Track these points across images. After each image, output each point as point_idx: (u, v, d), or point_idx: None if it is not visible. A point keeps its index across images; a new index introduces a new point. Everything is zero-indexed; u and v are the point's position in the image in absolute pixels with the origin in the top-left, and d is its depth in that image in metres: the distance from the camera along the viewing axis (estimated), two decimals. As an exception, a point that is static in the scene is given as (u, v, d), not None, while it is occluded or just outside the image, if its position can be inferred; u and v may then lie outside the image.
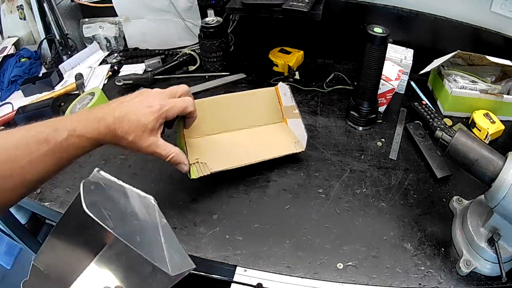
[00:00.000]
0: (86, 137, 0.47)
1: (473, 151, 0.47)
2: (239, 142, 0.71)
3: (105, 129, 0.48)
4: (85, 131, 0.47)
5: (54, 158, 0.44)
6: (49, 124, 0.46)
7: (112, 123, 0.48)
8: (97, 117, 0.48)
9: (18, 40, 1.07)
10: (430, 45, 0.91)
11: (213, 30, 0.91)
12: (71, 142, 0.46)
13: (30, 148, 0.42)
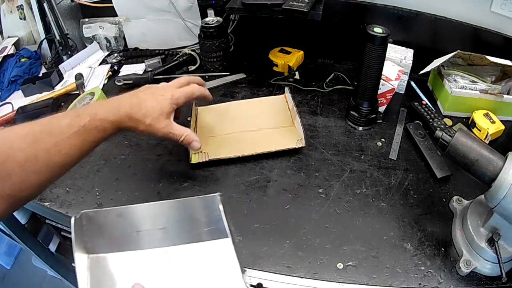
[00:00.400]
0: (107, 119, 0.50)
1: (473, 151, 0.47)
2: (246, 140, 0.74)
3: (124, 113, 0.53)
4: (106, 115, 0.51)
5: (78, 141, 0.47)
6: (70, 113, 0.50)
7: (130, 108, 0.53)
8: (115, 104, 0.53)
9: (18, 40, 1.07)
10: (430, 45, 0.91)
11: (213, 30, 0.91)
12: (93, 125, 0.49)
13: (54, 132, 0.45)
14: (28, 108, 0.86)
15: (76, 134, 0.47)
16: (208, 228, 0.51)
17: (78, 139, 0.47)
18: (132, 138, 0.79)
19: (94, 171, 0.71)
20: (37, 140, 0.43)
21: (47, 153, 0.44)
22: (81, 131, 0.47)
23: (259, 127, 0.77)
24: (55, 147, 0.44)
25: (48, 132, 0.45)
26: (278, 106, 0.79)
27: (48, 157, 0.44)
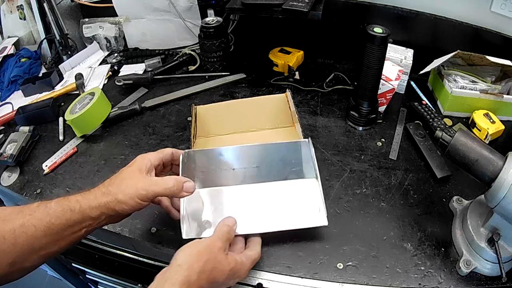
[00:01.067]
0: (75, 199, 0.48)
1: (473, 151, 0.47)
2: (245, 141, 0.73)
3: (94, 190, 0.49)
4: (74, 196, 0.48)
5: (44, 222, 0.45)
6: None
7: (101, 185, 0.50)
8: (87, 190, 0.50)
9: (18, 40, 1.07)
10: (430, 45, 0.91)
11: (213, 30, 0.91)
12: (59, 204, 0.47)
13: (23, 212, 0.45)
14: (28, 108, 0.86)
15: (42, 214, 0.45)
16: (295, 168, 0.60)
17: (43, 221, 0.45)
18: (132, 138, 0.79)
19: (94, 171, 0.71)
20: (5, 220, 0.44)
21: (13, 233, 0.43)
22: (46, 211, 0.45)
23: (260, 127, 0.77)
24: (21, 228, 0.44)
25: (18, 212, 0.45)
26: (279, 105, 0.78)
27: (14, 237, 0.43)
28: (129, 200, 0.47)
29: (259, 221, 0.55)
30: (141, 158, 0.53)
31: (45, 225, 0.44)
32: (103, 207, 0.47)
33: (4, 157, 0.72)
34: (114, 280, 0.89)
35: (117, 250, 0.76)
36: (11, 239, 0.43)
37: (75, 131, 0.78)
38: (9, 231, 0.43)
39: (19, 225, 0.44)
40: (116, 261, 0.80)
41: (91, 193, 0.48)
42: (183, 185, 0.50)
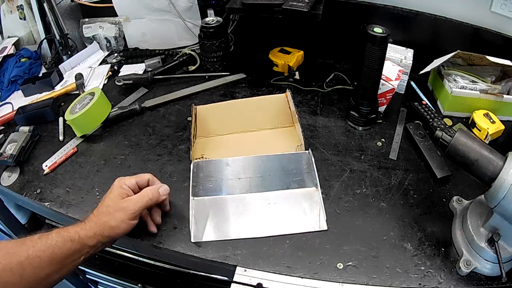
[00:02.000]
0: (74, 229, 0.52)
1: (473, 151, 0.47)
2: (245, 143, 0.75)
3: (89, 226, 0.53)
4: (73, 227, 0.52)
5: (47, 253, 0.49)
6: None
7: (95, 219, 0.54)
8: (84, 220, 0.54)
9: (18, 40, 1.07)
10: (430, 45, 0.91)
11: (213, 30, 0.91)
12: (60, 235, 0.50)
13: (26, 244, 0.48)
14: (28, 108, 0.86)
15: (45, 246, 0.48)
16: (297, 178, 0.63)
17: (47, 252, 0.48)
18: (132, 138, 0.79)
19: (94, 171, 0.71)
20: (10, 253, 0.46)
21: (20, 265, 0.46)
22: (48, 243, 0.49)
23: (260, 127, 0.77)
24: (27, 260, 0.46)
25: (21, 245, 0.48)
26: (279, 105, 0.78)
27: (21, 269, 0.46)
28: (120, 224, 0.53)
29: (262, 226, 0.58)
30: (118, 183, 0.57)
31: (48, 256, 0.48)
32: (99, 235, 0.52)
33: (4, 157, 0.72)
34: (114, 280, 0.89)
35: (117, 250, 0.76)
36: (18, 271, 0.45)
37: (75, 131, 0.78)
38: (16, 264, 0.46)
39: (25, 258, 0.46)
40: (116, 261, 0.80)
41: (87, 224, 0.53)
42: (159, 191, 0.58)
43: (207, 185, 0.62)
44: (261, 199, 0.61)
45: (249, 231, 0.58)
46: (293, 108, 0.75)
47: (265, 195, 0.61)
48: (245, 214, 0.60)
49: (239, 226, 0.59)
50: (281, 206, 0.61)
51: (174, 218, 0.62)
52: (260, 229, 0.58)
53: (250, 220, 0.59)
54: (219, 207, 0.60)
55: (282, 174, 0.64)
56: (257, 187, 0.62)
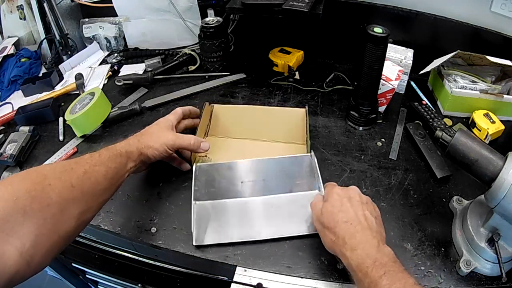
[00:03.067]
0: (120, 145, 0.58)
1: (473, 151, 0.47)
2: (252, 152, 0.74)
3: (133, 137, 0.62)
4: (118, 143, 0.59)
5: (103, 168, 0.51)
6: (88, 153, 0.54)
7: (137, 134, 0.64)
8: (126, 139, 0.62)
9: (18, 40, 1.07)
10: (430, 45, 0.91)
11: (213, 30, 0.91)
12: (111, 152, 0.55)
13: (81, 162, 0.50)
14: (28, 108, 0.85)
15: (99, 161, 0.51)
16: (299, 181, 0.62)
17: (102, 166, 0.51)
18: (132, 138, 0.79)
19: (94, 171, 0.71)
20: (67, 169, 0.46)
21: (80, 180, 0.46)
22: (102, 158, 0.52)
23: (273, 138, 0.76)
24: (85, 175, 0.47)
25: (75, 163, 0.49)
26: (297, 120, 0.75)
27: (81, 184, 0.46)
28: (159, 147, 0.61)
29: (266, 229, 0.58)
30: (163, 120, 0.66)
31: (105, 169, 0.50)
32: (140, 151, 0.59)
33: (4, 157, 0.72)
34: (114, 280, 0.89)
35: (117, 250, 0.76)
36: (79, 187, 0.45)
37: (75, 131, 0.78)
38: (77, 178, 0.46)
39: (83, 173, 0.47)
40: (116, 261, 0.80)
41: (130, 141, 0.60)
42: (200, 144, 0.65)
43: (210, 189, 0.61)
44: (264, 203, 0.60)
45: (251, 234, 0.58)
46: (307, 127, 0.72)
47: (268, 199, 0.60)
48: (247, 217, 0.59)
49: (242, 230, 0.58)
50: (284, 210, 0.60)
51: (174, 218, 0.62)
52: (262, 232, 0.58)
53: (253, 224, 0.59)
54: (222, 211, 0.58)
55: (285, 177, 0.63)
56: (260, 191, 0.61)
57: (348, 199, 0.50)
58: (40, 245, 0.39)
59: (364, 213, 0.49)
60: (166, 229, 0.60)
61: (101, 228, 0.61)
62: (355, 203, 0.50)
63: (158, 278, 0.79)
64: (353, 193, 0.51)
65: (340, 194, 0.51)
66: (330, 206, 0.50)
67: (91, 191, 0.47)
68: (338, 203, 0.50)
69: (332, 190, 0.53)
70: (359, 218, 0.48)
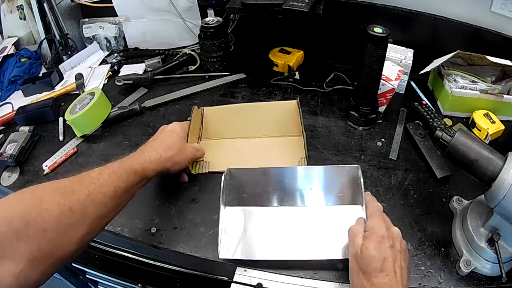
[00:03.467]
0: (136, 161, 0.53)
1: (473, 151, 0.47)
2: (248, 150, 0.72)
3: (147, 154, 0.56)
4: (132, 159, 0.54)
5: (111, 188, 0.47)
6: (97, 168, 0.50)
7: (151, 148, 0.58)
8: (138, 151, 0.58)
9: (18, 40, 1.07)
10: (430, 45, 0.91)
11: (213, 30, 0.91)
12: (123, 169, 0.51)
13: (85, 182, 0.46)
14: (28, 108, 0.86)
15: (107, 180, 0.47)
16: (341, 194, 0.58)
17: (110, 186, 0.47)
18: (132, 138, 0.79)
19: (94, 171, 0.71)
20: (68, 192, 0.43)
21: (81, 204, 0.43)
22: (111, 177, 0.48)
23: (267, 133, 0.75)
24: (89, 197, 0.44)
25: (79, 182, 0.45)
26: (290, 112, 0.75)
27: (83, 208, 0.43)
28: (182, 161, 0.60)
29: (298, 247, 0.54)
30: (180, 128, 0.65)
31: (113, 190, 0.46)
32: (161, 169, 0.56)
33: (4, 157, 0.72)
34: (114, 280, 0.89)
35: (117, 250, 0.76)
36: (80, 211, 0.42)
37: (75, 131, 0.78)
38: (77, 201, 0.42)
39: (86, 195, 0.44)
40: (116, 261, 0.80)
41: (151, 156, 0.55)
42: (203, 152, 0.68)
43: (241, 195, 0.57)
44: (300, 215, 0.55)
45: (282, 253, 0.53)
46: (301, 118, 0.72)
47: (304, 210, 0.56)
48: (280, 231, 0.54)
49: (272, 246, 0.54)
50: (321, 225, 0.55)
51: (174, 218, 0.62)
52: (294, 251, 0.53)
53: (286, 239, 0.54)
54: (252, 220, 0.55)
55: (326, 188, 0.58)
56: (296, 201, 0.57)
57: (391, 247, 0.46)
58: (36, 267, 0.38)
59: (400, 263, 0.45)
60: (166, 229, 0.60)
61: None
62: (395, 252, 0.46)
63: (158, 278, 0.79)
64: (396, 238, 0.47)
65: (385, 237, 0.46)
66: (371, 249, 0.45)
67: (95, 215, 0.44)
68: (381, 249, 0.45)
69: (377, 225, 0.48)
70: (396, 270, 0.44)
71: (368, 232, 0.48)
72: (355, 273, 0.46)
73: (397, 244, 0.47)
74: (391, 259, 0.44)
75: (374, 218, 0.50)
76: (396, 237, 0.48)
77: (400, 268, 0.44)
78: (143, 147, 0.58)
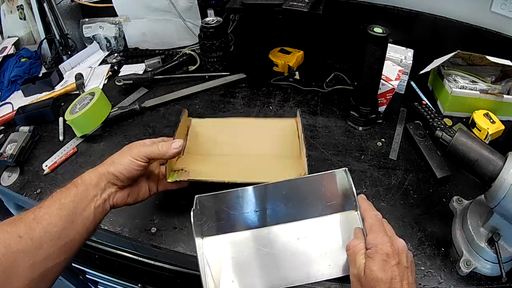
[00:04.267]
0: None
1: (473, 151, 0.47)
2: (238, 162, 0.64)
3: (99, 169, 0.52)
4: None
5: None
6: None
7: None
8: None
9: (18, 40, 1.07)
10: (430, 45, 0.91)
11: (213, 30, 0.91)
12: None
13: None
14: (28, 108, 0.86)
15: (50, 200, 0.46)
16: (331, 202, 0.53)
17: (54, 204, 0.45)
18: (132, 138, 0.79)
19: (94, 171, 0.71)
20: (16, 220, 0.43)
21: (28, 228, 0.42)
22: (54, 196, 0.47)
23: (260, 152, 0.67)
24: (34, 220, 0.43)
25: (26, 212, 0.45)
26: (286, 131, 0.68)
27: (30, 232, 0.42)
28: (123, 158, 0.51)
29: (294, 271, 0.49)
30: (141, 142, 0.55)
31: (57, 208, 0.45)
32: (102, 173, 0.50)
33: (4, 157, 0.72)
34: (114, 280, 0.89)
35: (117, 250, 0.76)
36: (27, 235, 0.41)
37: (75, 131, 0.78)
38: (23, 227, 0.42)
39: (31, 219, 0.43)
40: (116, 261, 0.80)
41: (88, 171, 0.51)
42: (171, 144, 0.53)
43: (218, 222, 0.52)
44: (289, 233, 0.50)
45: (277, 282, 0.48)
46: (301, 129, 0.65)
47: (293, 226, 0.51)
48: (270, 255, 0.49)
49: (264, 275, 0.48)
50: (315, 240, 0.51)
51: (174, 218, 0.62)
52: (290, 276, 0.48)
53: (278, 264, 0.49)
54: (237, 247, 0.50)
55: (312, 199, 0.53)
56: (283, 217, 0.52)
57: (397, 264, 0.42)
58: None
59: (408, 280, 0.42)
60: (166, 229, 0.60)
61: (101, 228, 0.61)
62: (402, 269, 0.42)
63: (158, 278, 0.79)
64: (402, 253, 0.44)
65: (390, 254, 0.43)
66: (376, 270, 0.42)
67: (44, 236, 0.42)
68: (387, 268, 0.42)
69: (380, 242, 0.44)
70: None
71: (370, 250, 0.44)
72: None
73: (404, 259, 0.43)
74: (399, 278, 0.41)
75: (376, 232, 0.45)
76: (402, 252, 0.44)
77: (408, 285, 0.42)
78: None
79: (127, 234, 0.60)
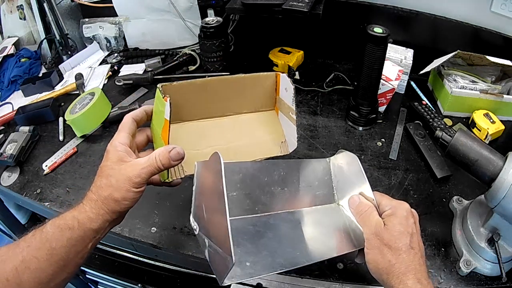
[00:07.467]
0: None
1: (473, 151, 0.47)
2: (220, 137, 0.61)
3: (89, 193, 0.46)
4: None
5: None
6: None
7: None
8: None
9: (18, 40, 1.07)
10: (430, 45, 0.91)
11: (213, 30, 0.91)
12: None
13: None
14: (28, 108, 0.86)
15: (40, 243, 0.42)
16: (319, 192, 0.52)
17: (44, 249, 0.41)
18: (132, 138, 0.79)
19: (94, 171, 0.71)
20: (3, 260, 0.41)
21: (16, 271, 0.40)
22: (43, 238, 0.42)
23: (236, 110, 0.63)
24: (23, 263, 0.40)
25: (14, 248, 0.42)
26: (263, 85, 0.62)
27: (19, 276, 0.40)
28: (126, 194, 0.44)
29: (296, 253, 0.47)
30: (112, 148, 0.46)
31: (46, 253, 0.41)
32: (103, 214, 0.43)
33: (4, 157, 0.72)
34: (114, 280, 0.89)
35: (117, 250, 0.76)
36: (15, 279, 0.39)
37: (75, 131, 0.78)
38: (11, 270, 0.39)
39: (20, 261, 0.40)
40: (116, 261, 0.80)
41: (86, 205, 0.44)
42: (169, 156, 0.45)
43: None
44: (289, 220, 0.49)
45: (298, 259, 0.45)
46: (284, 96, 0.60)
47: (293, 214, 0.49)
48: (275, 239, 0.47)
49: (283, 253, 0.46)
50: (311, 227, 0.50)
51: (174, 218, 0.62)
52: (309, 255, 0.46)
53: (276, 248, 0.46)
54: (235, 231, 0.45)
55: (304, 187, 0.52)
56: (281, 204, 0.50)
57: (414, 223, 0.45)
58: None
59: (421, 243, 0.45)
60: (166, 229, 0.60)
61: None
62: (418, 229, 0.46)
63: (158, 278, 0.79)
64: (416, 218, 0.46)
65: (408, 214, 0.45)
66: (398, 224, 0.44)
67: (33, 282, 0.40)
68: (409, 224, 0.44)
69: (398, 203, 0.46)
70: (420, 248, 0.44)
71: (389, 211, 0.46)
72: (378, 251, 0.44)
73: (417, 223, 0.46)
74: (417, 236, 0.44)
75: (388, 198, 0.48)
76: (416, 218, 0.46)
77: (423, 248, 0.45)
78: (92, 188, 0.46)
79: (127, 234, 0.60)
